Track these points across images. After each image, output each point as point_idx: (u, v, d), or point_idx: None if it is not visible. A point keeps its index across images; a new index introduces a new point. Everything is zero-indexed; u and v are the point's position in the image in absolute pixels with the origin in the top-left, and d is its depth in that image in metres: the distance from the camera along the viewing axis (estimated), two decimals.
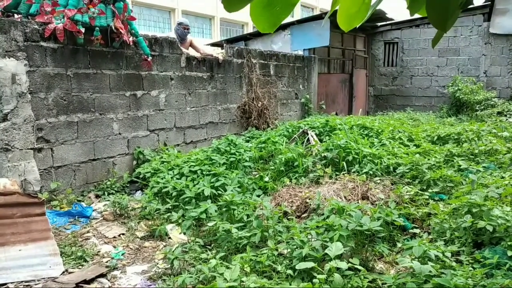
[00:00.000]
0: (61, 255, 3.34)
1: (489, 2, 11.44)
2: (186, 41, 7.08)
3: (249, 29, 32.83)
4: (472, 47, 12.15)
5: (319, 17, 10.77)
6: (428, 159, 5.05)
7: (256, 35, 12.06)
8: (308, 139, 6.42)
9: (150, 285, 3.04)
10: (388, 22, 13.07)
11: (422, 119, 10.24)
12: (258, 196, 4.49)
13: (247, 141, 6.88)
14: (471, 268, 2.69)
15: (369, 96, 14.01)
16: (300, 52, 10.64)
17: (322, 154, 5.38)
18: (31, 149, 4.41)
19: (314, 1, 42.79)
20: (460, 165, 4.91)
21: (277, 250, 3.00)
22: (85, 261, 3.37)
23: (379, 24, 13.17)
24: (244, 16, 34.08)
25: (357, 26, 1.65)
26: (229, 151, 5.59)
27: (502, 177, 4.40)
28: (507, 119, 9.23)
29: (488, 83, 11.89)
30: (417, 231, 3.50)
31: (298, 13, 40.05)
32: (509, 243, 2.81)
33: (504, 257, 2.71)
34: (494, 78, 11.92)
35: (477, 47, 12.07)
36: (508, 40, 11.55)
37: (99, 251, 3.59)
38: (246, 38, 12.18)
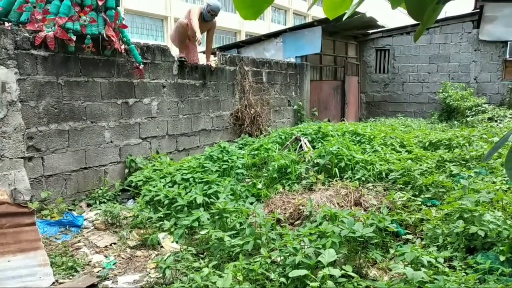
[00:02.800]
0: (51, 265, 3.29)
1: (478, 10, 11.61)
2: (208, 23, 6.88)
3: (242, 37, 32.97)
4: (462, 54, 12.30)
5: (311, 24, 10.85)
6: (420, 165, 5.07)
7: (248, 42, 12.12)
8: (301, 146, 6.43)
9: None
10: (379, 30, 13.21)
11: (413, 125, 10.31)
12: (251, 203, 4.47)
13: (240, 148, 6.86)
14: (464, 274, 2.70)
15: (361, 103, 14.10)
16: (293, 60, 10.70)
17: (315, 161, 5.39)
18: (21, 158, 4.36)
19: (305, 9, 43.14)
20: (451, 171, 4.94)
21: (270, 257, 2.98)
22: (76, 271, 3.32)
23: (370, 31, 13.31)
24: (236, 24, 34.24)
25: (344, 19, 1.68)
26: (222, 158, 5.57)
27: (493, 182, 4.43)
28: (497, 125, 9.32)
29: (478, 89, 12.03)
30: (410, 237, 3.51)
31: (290, 21, 40.36)
32: (501, 248, 2.82)
33: (497, 262, 2.72)
34: (484, 84, 12.07)
35: (467, 54, 12.22)
36: (497, 46, 11.72)
37: (90, 261, 3.55)
38: (239, 45, 12.23)
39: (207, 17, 6.72)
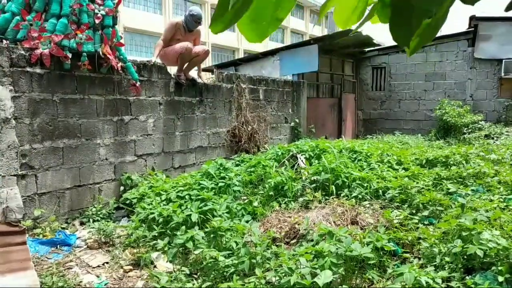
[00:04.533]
0: (41, 286, 3.21)
1: (473, 28, 11.76)
2: (193, 33, 6.71)
3: (240, 55, 33.28)
4: (458, 72, 12.40)
5: (308, 42, 10.95)
6: (417, 183, 5.04)
7: (246, 60, 12.21)
8: (298, 163, 6.39)
9: None
10: (375, 48, 13.34)
11: (411, 142, 10.30)
12: (247, 221, 4.42)
13: (237, 165, 6.82)
14: None
15: (358, 120, 14.13)
16: (289, 77, 10.75)
17: (312, 178, 5.35)
18: (14, 175, 4.31)
19: (303, 27, 43.75)
20: (448, 189, 4.90)
21: (264, 278, 2.92)
22: None
23: (366, 49, 13.43)
24: (234, 42, 34.61)
25: (352, 31, 1.72)
26: (218, 175, 5.53)
27: (491, 200, 4.39)
28: (494, 142, 9.33)
29: (474, 107, 12.09)
30: (407, 256, 3.45)
31: (287, 39, 40.81)
32: (499, 268, 2.77)
33: (495, 282, 2.66)
34: (480, 102, 12.14)
35: (462, 72, 12.32)
36: (492, 64, 11.83)
37: (81, 281, 3.47)
38: (236, 63, 12.31)
39: (193, 26, 6.53)
